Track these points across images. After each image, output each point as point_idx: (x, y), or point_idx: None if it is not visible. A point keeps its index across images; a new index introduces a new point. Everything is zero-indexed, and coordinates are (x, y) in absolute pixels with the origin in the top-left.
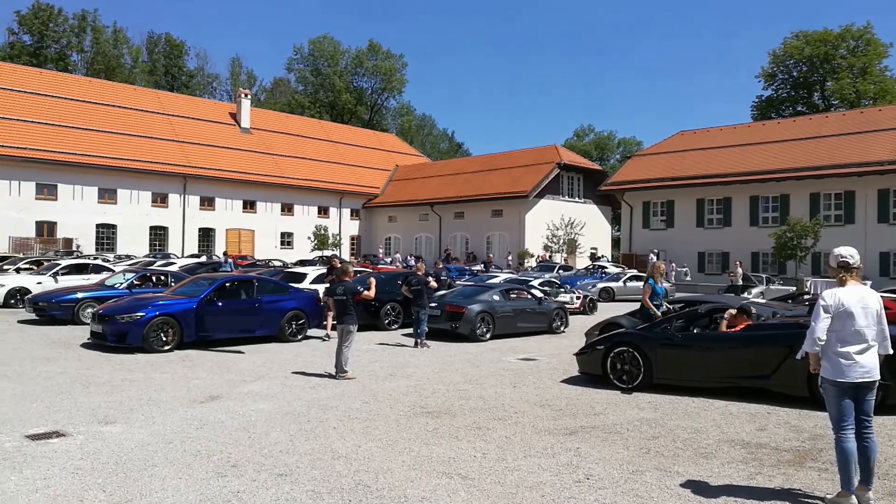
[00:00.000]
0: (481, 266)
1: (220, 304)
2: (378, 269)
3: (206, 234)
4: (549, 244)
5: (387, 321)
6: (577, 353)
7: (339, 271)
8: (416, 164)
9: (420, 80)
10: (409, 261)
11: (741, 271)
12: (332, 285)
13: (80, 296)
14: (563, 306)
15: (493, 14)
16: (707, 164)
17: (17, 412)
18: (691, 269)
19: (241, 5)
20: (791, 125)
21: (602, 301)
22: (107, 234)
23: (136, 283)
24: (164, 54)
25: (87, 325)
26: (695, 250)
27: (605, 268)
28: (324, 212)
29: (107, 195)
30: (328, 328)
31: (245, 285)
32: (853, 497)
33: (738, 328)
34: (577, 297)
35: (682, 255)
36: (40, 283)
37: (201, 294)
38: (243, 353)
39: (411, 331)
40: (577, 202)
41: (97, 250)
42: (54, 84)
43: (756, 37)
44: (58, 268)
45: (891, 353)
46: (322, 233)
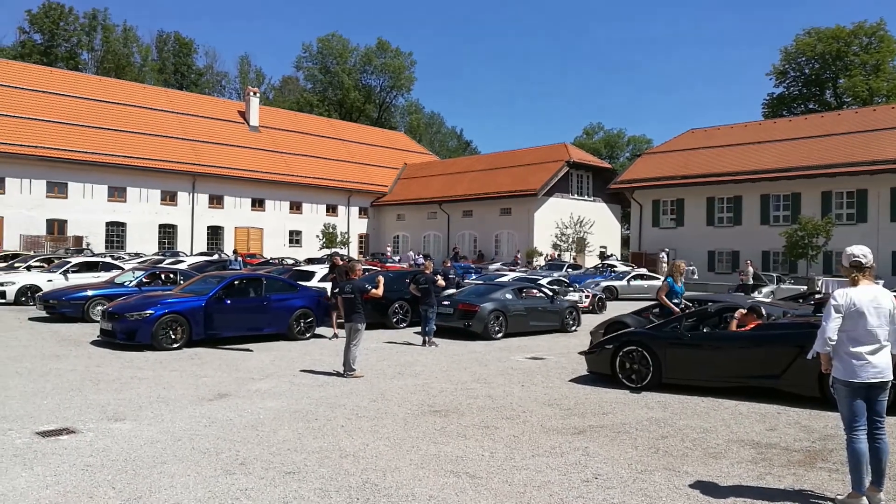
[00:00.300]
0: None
1: (229, 302)
2: (386, 267)
3: (214, 233)
4: (559, 243)
5: (395, 319)
6: (586, 353)
7: (340, 269)
8: (424, 163)
9: (429, 78)
10: (417, 259)
11: (752, 270)
12: (340, 283)
13: (90, 293)
14: (575, 305)
15: (501, 14)
16: (717, 163)
17: (27, 409)
18: (701, 268)
19: (249, 4)
20: (803, 123)
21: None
22: (116, 232)
23: (145, 280)
24: (173, 53)
25: (97, 322)
26: (705, 249)
27: (615, 266)
28: (332, 210)
29: (117, 193)
30: (334, 327)
31: (253, 283)
32: (864, 498)
33: (747, 328)
34: (587, 296)
35: (691, 253)
36: (51, 280)
37: (210, 292)
38: (252, 351)
39: (419, 329)
40: (586, 200)
41: (107, 248)
42: (65, 83)
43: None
44: (68, 265)
45: None
46: (330, 231)
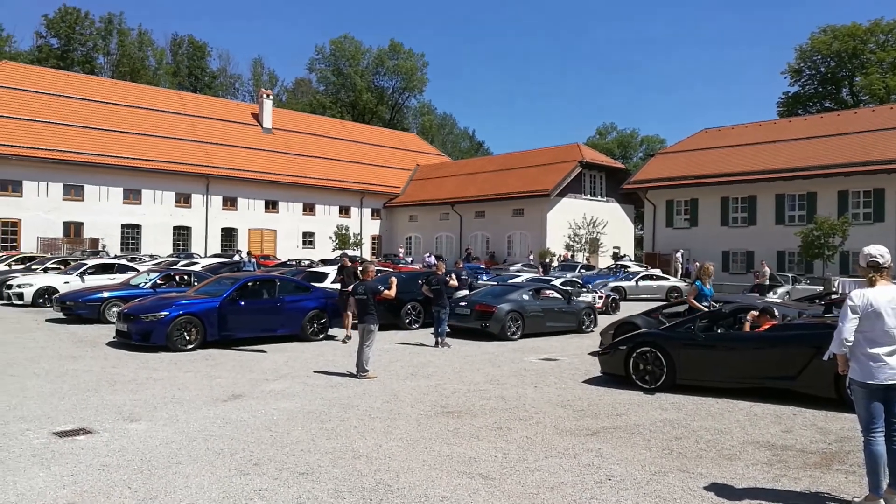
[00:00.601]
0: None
1: (243, 303)
2: (399, 268)
3: (228, 234)
4: (571, 243)
5: (407, 320)
6: (600, 354)
7: (348, 271)
8: (436, 164)
9: (441, 79)
10: (430, 260)
11: (768, 270)
12: (354, 284)
13: (105, 295)
14: (591, 305)
15: (501, 14)
16: (731, 162)
17: (45, 409)
18: (716, 268)
19: (263, 6)
20: (818, 121)
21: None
22: (132, 234)
23: (159, 282)
24: (187, 56)
25: (113, 323)
26: (719, 249)
27: (628, 267)
28: (345, 211)
29: (132, 196)
30: (347, 328)
31: (267, 285)
32: (882, 501)
33: (761, 328)
34: (600, 297)
35: (706, 254)
36: (67, 282)
37: (224, 293)
38: (265, 352)
39: (432, 330)
40: (599, 201)
41: (122, 250)
42: (81, 87)
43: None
44: (84, 267)
45: None
46: (343, 232)
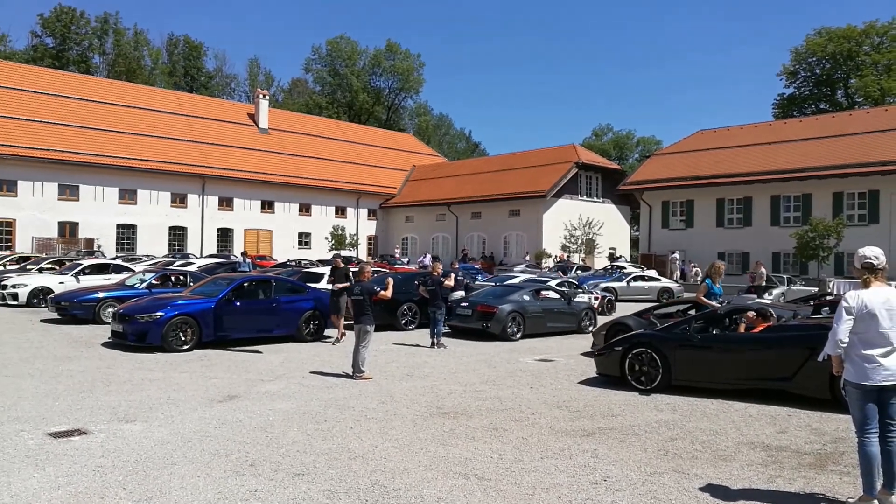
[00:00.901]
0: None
1: (239, 303)
2: (395, 269)
3: (224, 235)
4: (567, 244)
5: (403, 321)
6: (594, 354)
7: (340, 272)
8: (433, 164)
9: (437, 79)
10: (425, 260)
11: (764, 271)
12: (350, 285)
13: (101, 295)
14: (591, 306)
15: (510, 15)
16: (727, 164)
17: (39, 410)
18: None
19: (259, 6)
20: (814, 123)
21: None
22: (127, 235)
23: (155, 282)
24: (183, 56)
25: (108, 324)
26: (714, 250)
27: (624, 268)
28: (341, 212)
29: (127, 196)
30: (340, 329)
31: (263, 285)
32: (876, 501)
33: (756, 329)
34: (596, 298)
35: (701, 255)
36: (62, 282)
37: (220, 294)
38: (261, 352)
39: (428, 331)
40: (595, 202)
41: (118, 250)
42: (76, 86)
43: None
44: (79, 268)
45: None
46: (339, 233)
